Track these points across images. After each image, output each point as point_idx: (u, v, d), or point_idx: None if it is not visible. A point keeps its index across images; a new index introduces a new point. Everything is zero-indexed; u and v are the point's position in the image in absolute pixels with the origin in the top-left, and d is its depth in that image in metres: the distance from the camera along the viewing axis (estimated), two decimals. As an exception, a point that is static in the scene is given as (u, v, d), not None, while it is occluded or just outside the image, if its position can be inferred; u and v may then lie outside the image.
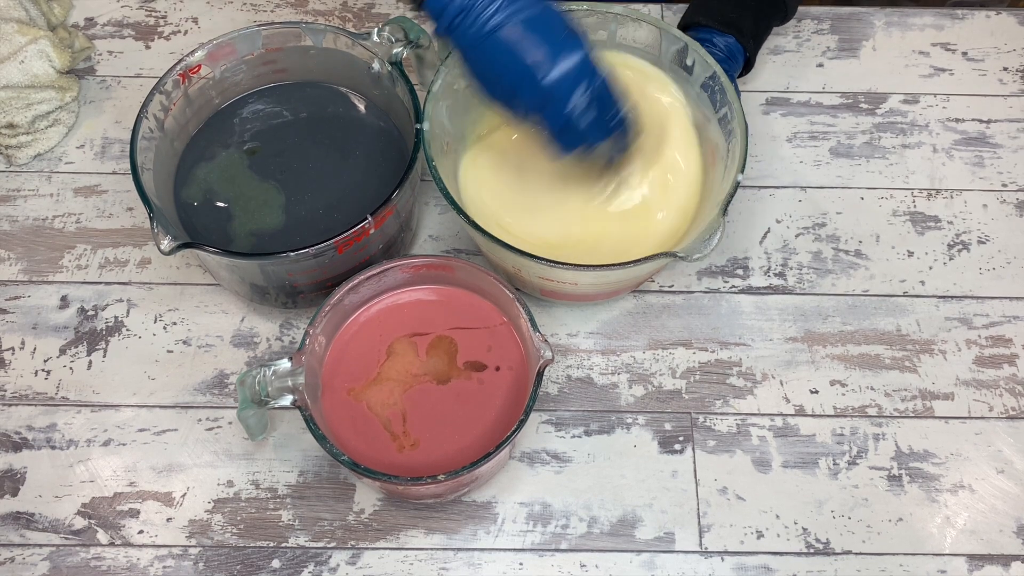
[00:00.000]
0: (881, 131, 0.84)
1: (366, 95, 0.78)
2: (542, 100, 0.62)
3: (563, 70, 0.61)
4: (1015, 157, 0.83)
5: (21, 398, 0.72)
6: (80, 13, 0.90)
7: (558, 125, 0.63)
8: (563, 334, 0.75)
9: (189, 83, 0.72)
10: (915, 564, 0.67)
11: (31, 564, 0.66)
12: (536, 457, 0.70)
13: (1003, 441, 0.71)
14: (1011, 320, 0.76)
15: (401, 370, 0.66)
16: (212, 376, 0.73)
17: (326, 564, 0.66)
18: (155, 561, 0.66)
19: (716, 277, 0.77)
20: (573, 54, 0.61)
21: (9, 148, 0.81)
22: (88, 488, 0.69)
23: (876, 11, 0.91)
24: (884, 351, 0.74)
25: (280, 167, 0.74)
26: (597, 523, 0.68)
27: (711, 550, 0.67)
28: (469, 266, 0.66)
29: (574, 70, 0.61)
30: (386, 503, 0.68)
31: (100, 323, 0.75)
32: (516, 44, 0.61)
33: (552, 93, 0.61)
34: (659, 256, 0.64)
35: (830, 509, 0.68)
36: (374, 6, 0.91)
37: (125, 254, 0.78)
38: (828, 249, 0.79)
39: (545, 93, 0.61)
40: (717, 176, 0.70)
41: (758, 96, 0.86)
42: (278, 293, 0.71)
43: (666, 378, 0.73)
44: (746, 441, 0.71)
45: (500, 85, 0.63)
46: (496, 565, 0.66)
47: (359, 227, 0.65)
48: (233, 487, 0.69)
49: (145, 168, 0.68)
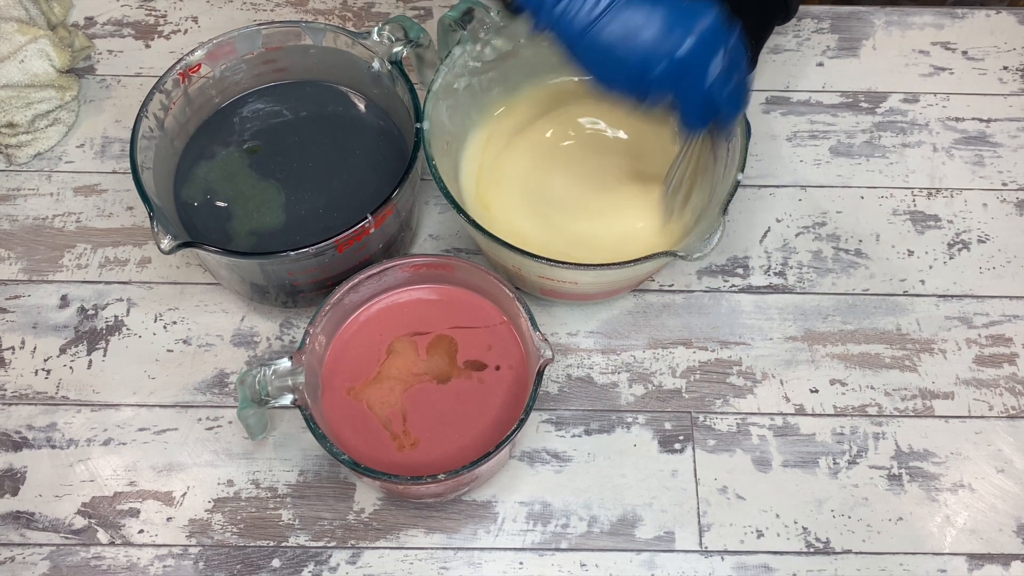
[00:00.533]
0: (881, 130, 0.84)
1: (366, 94, 0.78)
2: (677, 75, 0.54)
3: (699, 36, 0.53)
4: (1015, 156, 0.83)
5: (21, 397, 0.72)
6: (80, 12, 0.90)
7: (696, 100, 0.56)
8: (563, 333, 0.75)
9: (189, 82, 0.72)
10: (915, 563, 0.67)
11: (31, 564, 0.66)
12: (536, 456, 0.70)
13: (1003, 440, 0.71)
14: (1011, 319, 0.76)
15: (401, 369, 0.66)
16: (212, 375, 0.73)
17: (326, 563, 0.66)
18: (155, 560, 0.66)
19: (716, 276, 0.77)
20: (706, 15, 0.54)
21: (9, 147, 0.81)
22: (88, 487, 0.69)
23: (876, 10, 0.91)
24: (884, 350, 0.74)
25: (280, 166, 0.74)
26: (597, 522, 0.68)
27: (711, 549, 0.67)
28: (469, 265, 0.66)
29: (710, 34, 0.54)
30: (386, 502, 0.69)
31: (100, 322, 0.75)
32: (635, 19, 0.53)
33: (689, 65, 0.54)
34: (659, 255, 0.64)
35: (830, 508, 0.68)
36: (374, 5, 0.91)
37: (125, 253, 0.78)
38: (828, 248, 0.79)
39: (681, 67, 0.54)
40: (717, 176, 0.70)
41: (758, 95, 0.86)
42: (278, 292, 0.71)
43: (666, 377, 0.73)
44: (746, 440, 0.71)
45: (623, 70, 0.55)
46: (496, 564, 0.66)
47: (359, 226, 0.65)
48: (233, 486, 0.69)
49: (145, 167, 0.68)
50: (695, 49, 0.54)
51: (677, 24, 0.53)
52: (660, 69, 0.54)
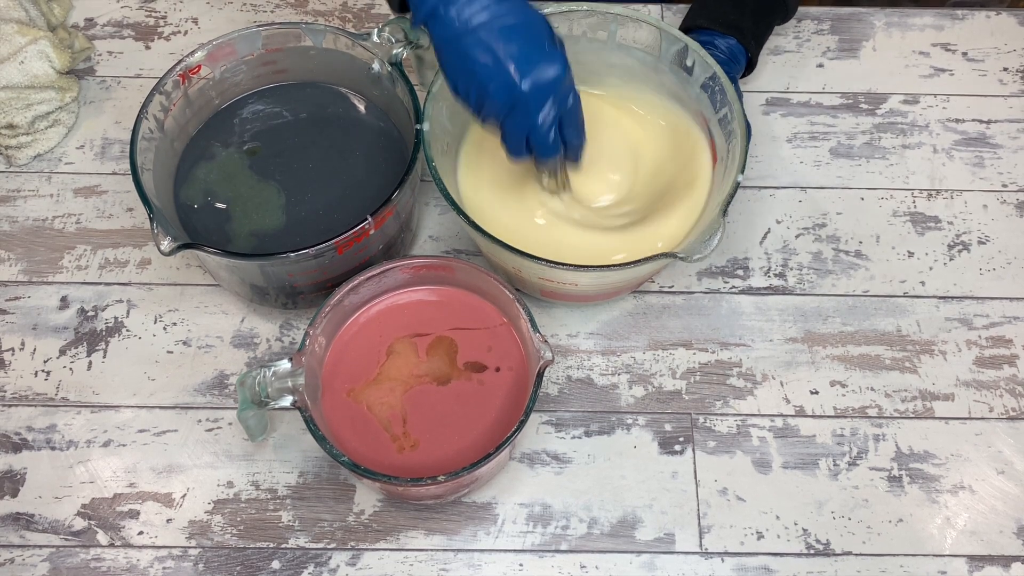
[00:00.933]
0: (881, 131, 0.84)
1: (366, 95, 0.78)
2: (511, 105, 0.61)
3: (541, 80, 0.60)
4: (1015, 157, 0.83)
5: (21, 399, 0.72)
6: (80, 13, 0.90)
7: (519, 132, 0.62)
8: (563, 335, 0.75)
9: (189, 83, 0.72)
10: (915, 565, 0.67)
11: (31, 565, 0.66)
12: (536, 458, 0.70)
13: (1003, 442, 0.71)
14: (1011, 320, 0.76)
15: (401, 371, 0.66)
16: (212, 377, 0.73)
17: (326, 565, 0.66)
18: (155, 562, 0.66)
19: (716, 277, 0.77)
20: (553, 66, 0.60)
21: (9, 148, 0.81)
22: (88, 489, 0.69)
23: (876, 11, 0.91)
24: (884, 352, 0.74)
25: (280, 167, 0.74)
26: (597, 524, 0.68)
27: (711, 551, 0.67)
28: (469, 267, 0.66)
29: (551, 82, 0.60)
30: (386, 504, 0.68)
31: (100, 324, 0.75)
32: (497, 45, 0.59)
33: (525, 100, 0.60)
34: (659, 257, 0.64)
35: (830, 510, 0.68)
36: (374, 6, 0.91)
37: (125, 255, 0.78)
38: (828, 249, 0.79)
39: (517, 99, 0.60)
40: (717, 176, 0.70)
41: (758, 96, 0.86)
42: (278, 294, 0.71)
43: (666, 379, 0.73)
44: (746, 442, 0.71)
45: (471, 83, 0.61)
46: (496, 566, 0.66)
47: (359, 228, 0.65)
48: (233, 488, 0.69)
49: (145, 168, 0.68)
50: (533, 89, 0.60)
51: (530, 63, 0.60)
52: (499, 94, 0.60)
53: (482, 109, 0.62)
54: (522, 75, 0.59)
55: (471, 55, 0.60)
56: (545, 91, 0.60)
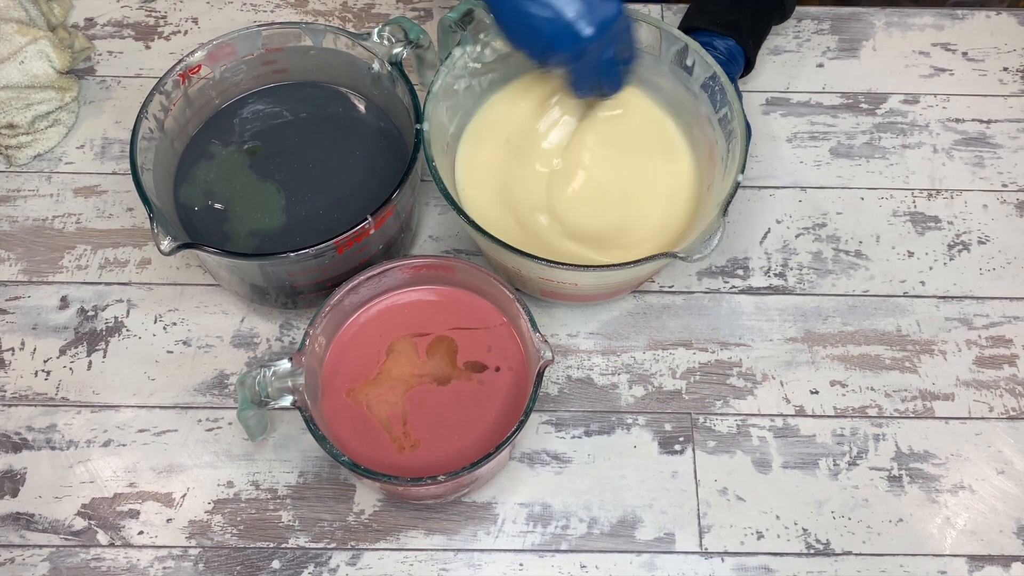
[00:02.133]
0: (881, 131, 0.84)
1: (366, 95, 0.78)
2: (580, 53, 0.63)
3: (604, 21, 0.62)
4: (1015, 157, 0.83)
5: (21, 399, 0.72)
6: (80, 13, 0.90)
7: (588, 74, 0.65)
8: (563, 334, 0.75)
9: (189, 83, 0.72)
10: (915, 565, 0.67)
11: (31, 565, 0.66)
12: (536, 458, 0.70)
13: (1003, 442, 0.71)
14: (1011, 320, 0.76)
15: (401, 371, 0.66)
16: (212, 377, 0.73)
17: (326, 565, 0.66)
18: (155, 562, 0.66)
19: (716, 277, 0.77)
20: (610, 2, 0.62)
21: (9, 148, 0.81)
22: (88, 489, 0.69)
23: (876, 11, 0.91)
24: (884, 351, 0.74)
25: (280, 167, 0.74)
26: (597, 524, 0.68)
27: (711, 551, 0.67)
28: (469, 266, 0.66)
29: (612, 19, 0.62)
30: (386, 504, 0.68)
31: (100, 323, 0.75)
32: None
33: (591, 46, 0.63)
34: (659, 256, 0.64)
35: (830, 510, 0.68)
36: (374, 6, 0.91)
37: (125, 254, 0.78)
38: (828, 249, 0.79)
39: (584, 47, 0.63)
40: (717, 176, 0.70)
41: (758, 96, 0.86)
42: (278, 294, 0.71)
43: (666, 378, 0.73)
44: (746, 442, 0.71)
45: (536, 39, 0.63)
46: (496, 566, 0.66)
47: (359, 227, 0.65)
48: (233, 488, 0.69)
49: (145, 168, 0.68)
50: (595, 36, 0.62)
51: (588, 10, 0.62)
52: (565, 45, 0.63)
53: (548, 60, 0.65)
54: (586, 23, 0.62)
55: (530, 11, 0.62)
56: (609, 30, 0.63)
